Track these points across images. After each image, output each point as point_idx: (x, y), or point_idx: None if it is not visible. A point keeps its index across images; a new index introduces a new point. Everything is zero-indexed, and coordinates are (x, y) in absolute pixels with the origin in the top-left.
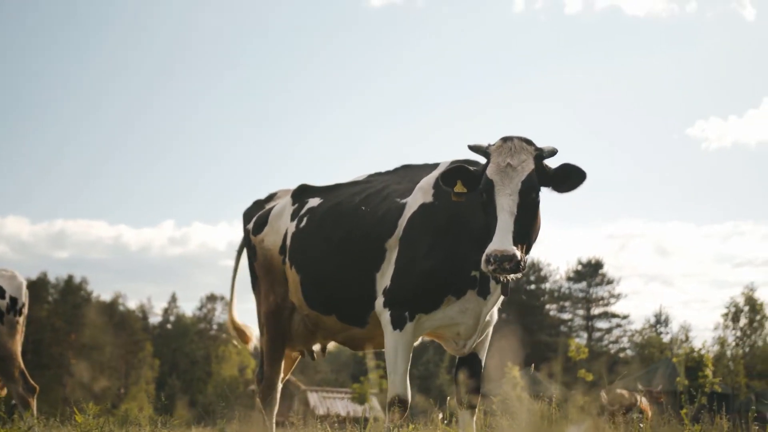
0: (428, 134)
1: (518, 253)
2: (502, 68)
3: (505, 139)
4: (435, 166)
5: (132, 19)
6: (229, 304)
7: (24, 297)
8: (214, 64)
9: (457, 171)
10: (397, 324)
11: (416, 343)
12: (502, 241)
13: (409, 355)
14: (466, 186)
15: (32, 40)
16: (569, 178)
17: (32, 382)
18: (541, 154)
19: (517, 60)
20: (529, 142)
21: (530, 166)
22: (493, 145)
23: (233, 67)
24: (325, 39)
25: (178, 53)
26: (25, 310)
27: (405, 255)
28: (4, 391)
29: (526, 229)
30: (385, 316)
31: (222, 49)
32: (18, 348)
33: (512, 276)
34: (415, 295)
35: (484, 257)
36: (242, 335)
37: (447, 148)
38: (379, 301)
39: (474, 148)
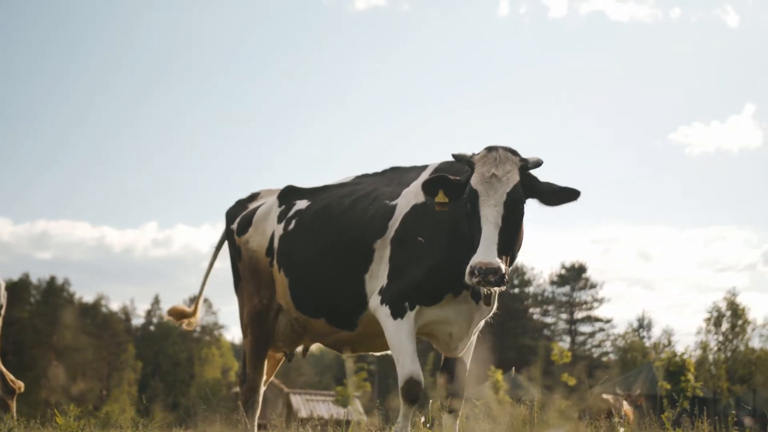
0: (412, 136)
1: (503, 266)
2: (486, 72)
3: (489, 149)
4: (424, 168)
5: (118, 24)
6: (196, 298)
7: (2, 298)
8: (199, 68)
9: (439, 181)
10: (398, 314)
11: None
12: (486, 253)
13: (413, 338)
14: (448, 196)
15: (18, 43)
16: (562, 194)
17: (12, 384)
18: (526, 165)
19: (500, 64)
20: (514, 153)
21: (515, 177)
22: (478, 154)
23: (217, 71)
24: (309, 42)
25: (162, 58)
26: (3, 312)
27: (401, 253)
28: None
29: (511, 241)
30: (383, 311)
31: (206, 53)
32: None
33: (496, 288)
34: (417, 288)
35: (468, 269)
36: (185, 314)
37: (431, 150)
38: (375, 299)
39: (458, 157)
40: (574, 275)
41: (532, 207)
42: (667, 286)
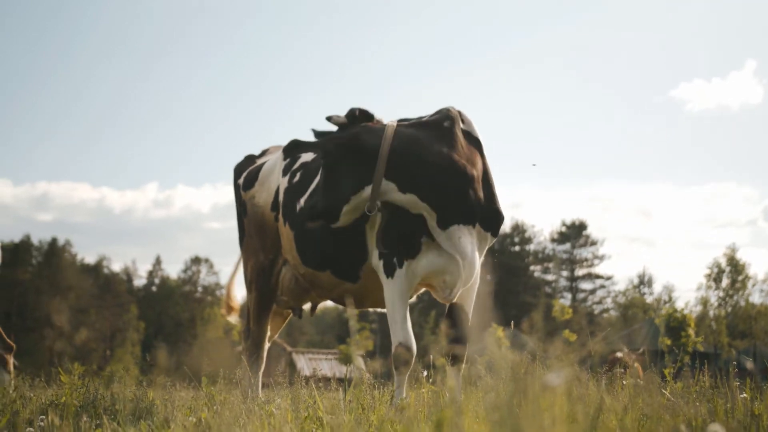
0: (414, 102)
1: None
2: (483, 31)
3: None
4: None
5: None
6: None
7: None
8: (199, 29)
9: None
10: (389, 272)
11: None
12: None
13: (405, 302)
14: None
15: (20, 7)
16: None
17: (9, 341)
18: None
19: (498, 23)
20: None
21: None
22: None
23: (217, 31)
24: (305, 5)
25: (161, 19)
26: None
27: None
28: None
29: None
30: (380, 267)
31: (205, 14)
32: None
33: None
34: (397, 239)
35: None
36: (229, 306)
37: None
38: (375, 254)
39: None
40: (574, 233)
41: (534, 165)
42: (667, 242)
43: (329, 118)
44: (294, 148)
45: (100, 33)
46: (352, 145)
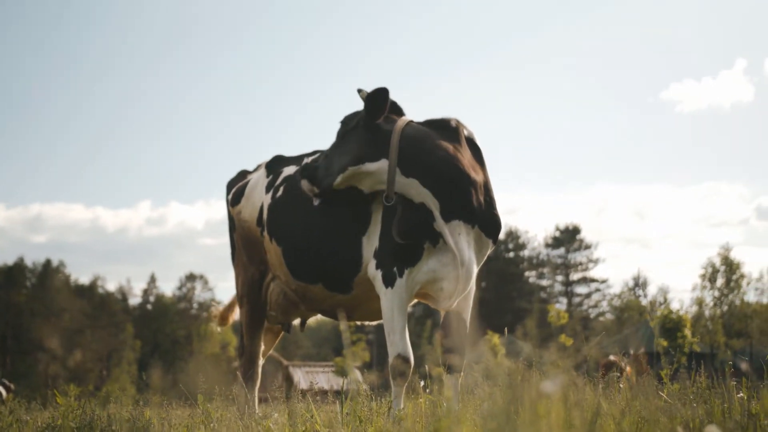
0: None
1: None
2: (473, 34)
3: None
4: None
5: (106, 5)
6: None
7: None
8: (188, 47)
9: None
10: (389, 282)
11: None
12: None
13: (404, 313)
14: None
15: (12, 27)
16: None
17: None
18: None
19: (491, 25)
20: None
21: None
22: None
23: (207, 47)
24: (295, 15)
25: (150, 34)
26: None
27: (390, 213)
28: None
29: None
30: (378, 277)
31: (194, 33)
32: None
33: None
34: (400, 249)
35: None
36: (224, 317)
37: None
38: (372, 264)
39: None
40: (568, 237)
41: (526, 169)
42: (662, 244)
43: (359, 91)
44: (276, 164)
45: (91, 52)
46: (368, 121)
